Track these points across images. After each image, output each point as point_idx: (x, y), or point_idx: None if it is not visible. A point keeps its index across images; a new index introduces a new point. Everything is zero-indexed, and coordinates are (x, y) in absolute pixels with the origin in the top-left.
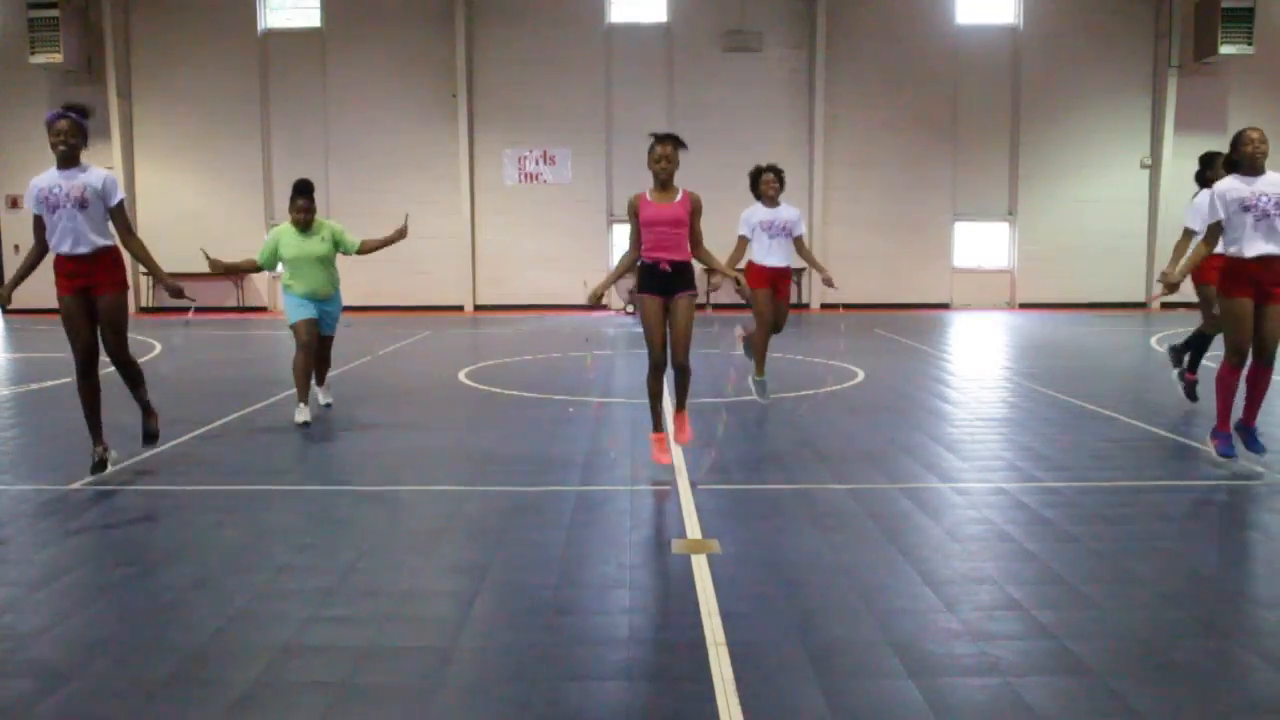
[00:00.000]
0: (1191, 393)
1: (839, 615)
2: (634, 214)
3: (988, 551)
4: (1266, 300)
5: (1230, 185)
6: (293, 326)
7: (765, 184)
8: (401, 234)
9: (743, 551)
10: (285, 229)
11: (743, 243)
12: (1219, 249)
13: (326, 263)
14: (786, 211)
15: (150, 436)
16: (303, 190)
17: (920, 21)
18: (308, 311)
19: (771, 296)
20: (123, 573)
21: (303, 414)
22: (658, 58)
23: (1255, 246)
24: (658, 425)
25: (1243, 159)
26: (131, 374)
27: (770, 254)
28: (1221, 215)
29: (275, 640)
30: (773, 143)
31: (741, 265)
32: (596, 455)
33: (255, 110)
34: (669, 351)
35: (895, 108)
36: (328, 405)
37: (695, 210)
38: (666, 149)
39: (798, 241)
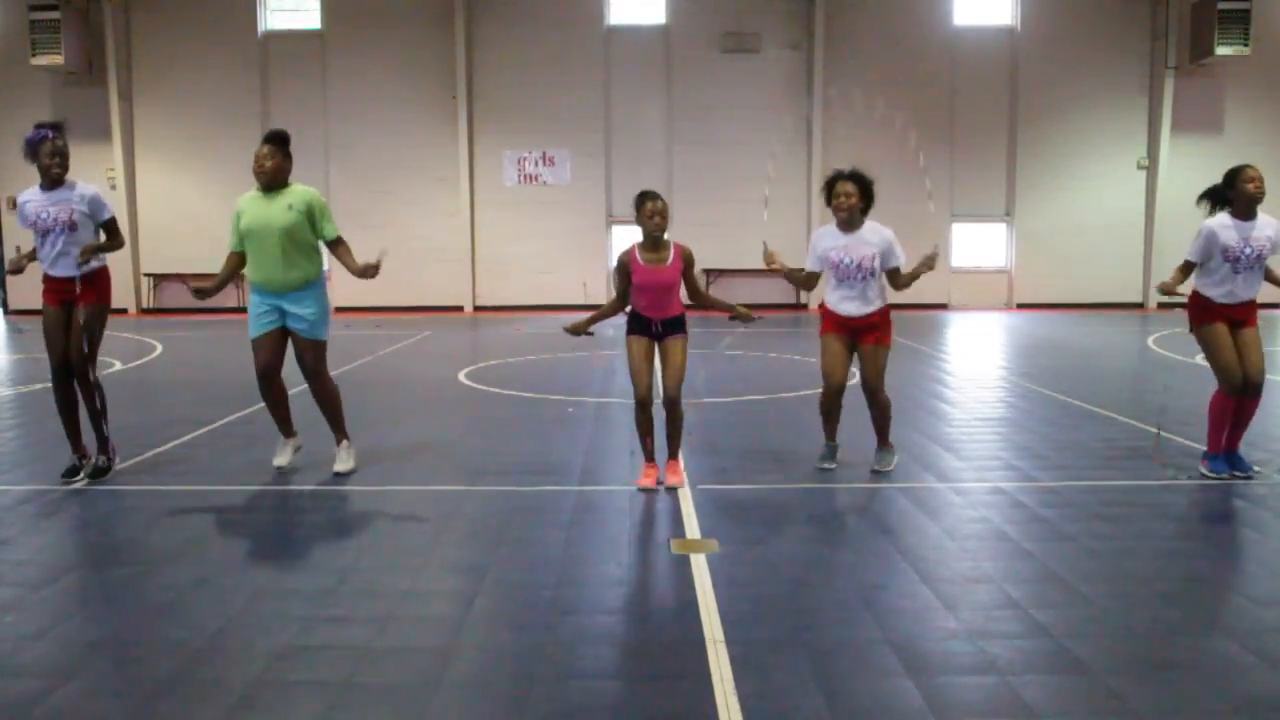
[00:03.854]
0: None
1: (837, 614)
2: (624, 274)
3: (986, 551)
4: (1239, 328)
5: (1222, 229)
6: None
7: (836, 198)
8: (370, 271)
9: (742, 551)
10: (247, 195)
11: (812, 278)
12: (1198, 285)
13: (294, 240)
14: (868, 239)
15: (99, 471)
16: (269, 137)
17: (918, 23)
18: (263, 322)
19: (842, 348)
20: (123, 573)
21: (281, 455)
22: (657, 59)
23: (1227, 292)
24: (649, 456)
25: (1239, 198)
26: (90, 396)
27: (842, 297)
28: (1197, 258)
29: (276, 640)
30: (771, 144)
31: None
32: (596, 455)
33: (256, 112)
34: (661, 387)
35: (893, 109)
36: (338, 474)
37: (688, 266)
38: (659, 205)
39: (892, 275)
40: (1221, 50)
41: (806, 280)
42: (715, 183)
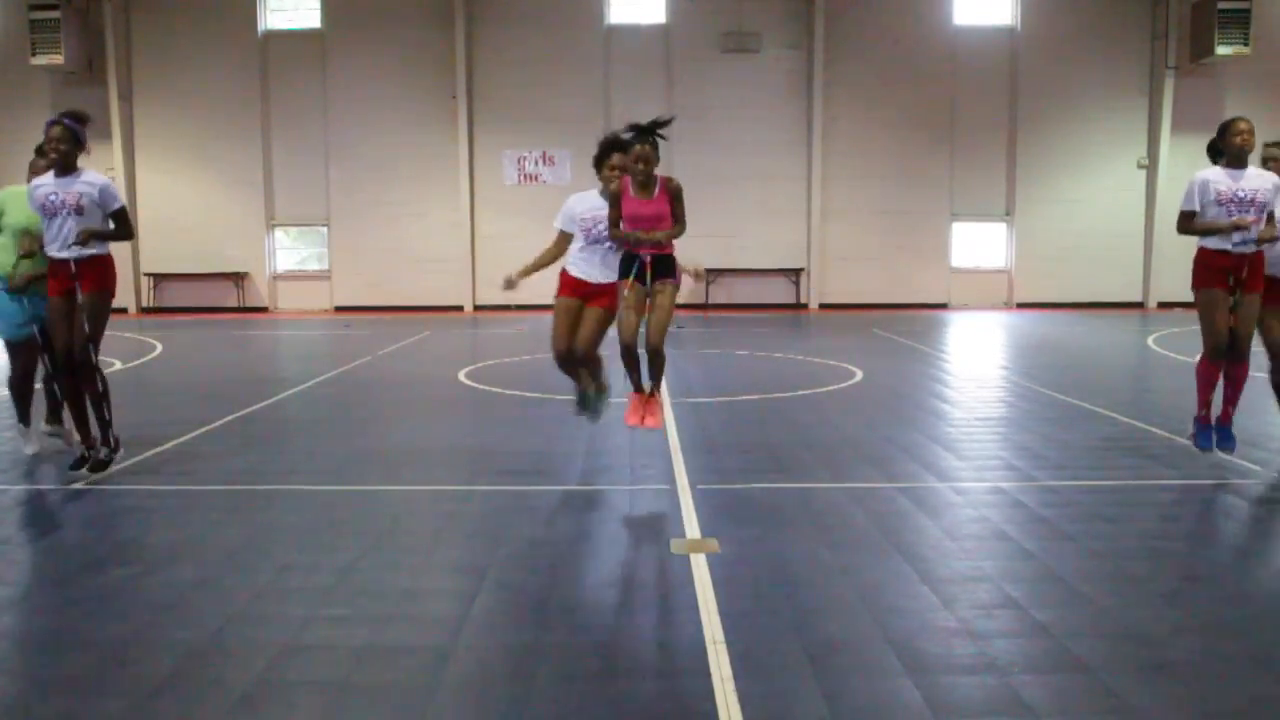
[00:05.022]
0: None
1: (837, 614)
2: (616, 202)
3: (985, 550)
4: (1239, 291)
5: (1212, 177)
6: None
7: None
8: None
9: (742, 551)
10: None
11: (561, 240)
12: (1203, 242)
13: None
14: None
15: (100, 464)
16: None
17: (918, 23)
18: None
19: (572, 310)
20: (123, 572)
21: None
22: (657, 59)
23: (1222, 241)
24: (636, 386)
25: (1228, 149)
26: (92, 384)
27: (581, 259)
28: (1196, 206)
29: (276, 639)
30: (771, 143)
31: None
32: (596, 455)
33: (255, 111)
34: (645, 335)
35: (893, 108)
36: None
37: (675, 198)
38: (641, 150)
39: None
40: (1221, 50)
41: (554, 254)
42: (715, 182)
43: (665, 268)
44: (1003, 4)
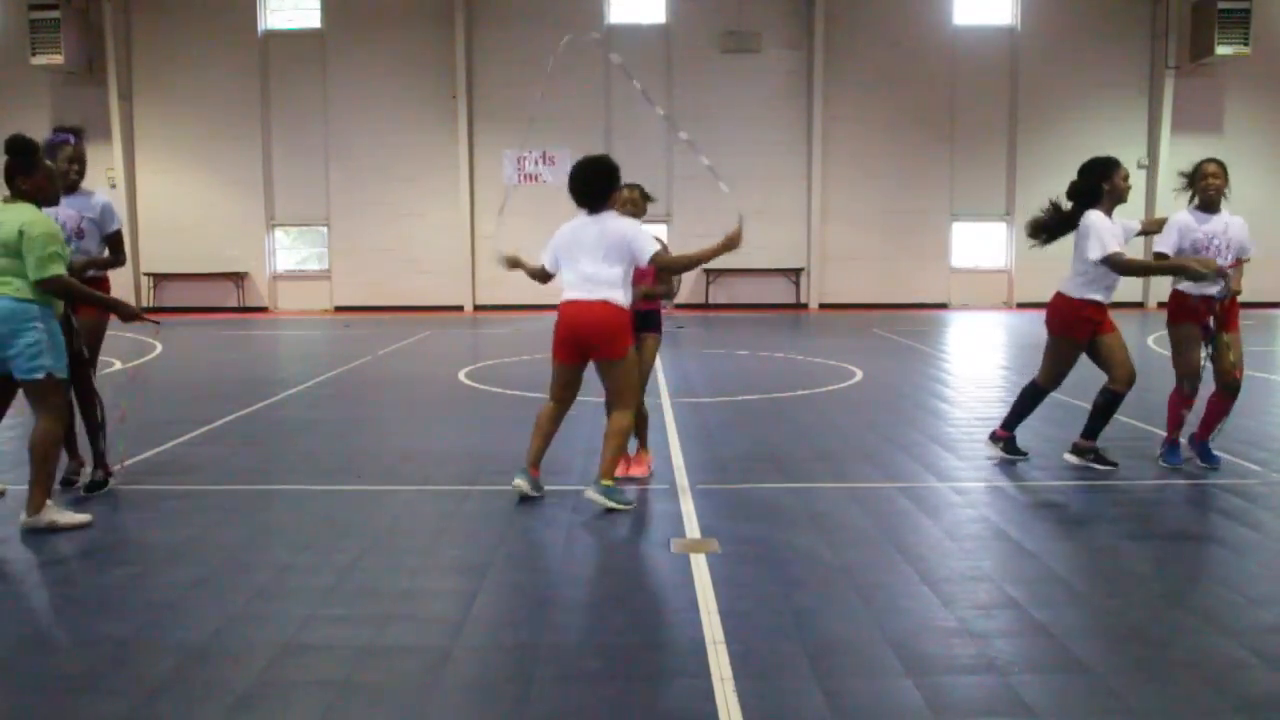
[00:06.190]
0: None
1: (837, 614)
2: None
3: (985, 550)
4: (1220, 329)
5: (1188, 222)
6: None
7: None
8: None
9: (742, 551)
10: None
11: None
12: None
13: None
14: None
15: (95, 485)
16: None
17: (918, 22)
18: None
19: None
20: (123, 572)
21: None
22: (657, 59)
23: (1196, 287)
24: (642, 443)
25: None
26: (89, 405)
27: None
28: (1170, 249)
29: (276, 639)
30: (771, 143)
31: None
32: (596, 455)
33: (255, 111)
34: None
35: (893, 108)
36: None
37: (656, 254)
38: (634, 194)
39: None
40: (1221, 50)
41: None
42: (714, 182)
43: (648, 321)
44: (1003, 4)
